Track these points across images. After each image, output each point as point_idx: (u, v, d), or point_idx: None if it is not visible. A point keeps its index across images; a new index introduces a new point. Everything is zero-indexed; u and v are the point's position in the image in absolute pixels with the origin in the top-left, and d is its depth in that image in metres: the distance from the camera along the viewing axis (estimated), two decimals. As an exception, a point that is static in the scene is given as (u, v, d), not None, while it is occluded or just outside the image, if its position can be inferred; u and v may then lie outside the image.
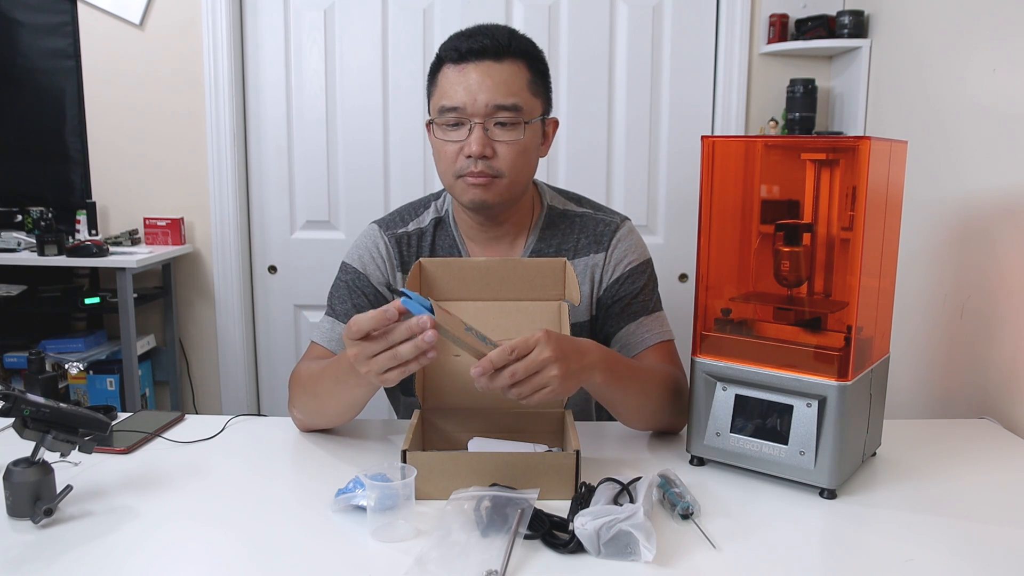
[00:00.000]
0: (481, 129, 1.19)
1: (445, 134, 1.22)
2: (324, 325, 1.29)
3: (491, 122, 1.19)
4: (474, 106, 1.18)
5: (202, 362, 2.71)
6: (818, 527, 0.95)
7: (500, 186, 1.22)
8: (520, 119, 1.21)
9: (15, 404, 0.91)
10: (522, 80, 1.21)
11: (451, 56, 1.21)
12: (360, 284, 1.30)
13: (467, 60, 1.20)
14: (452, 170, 1.22)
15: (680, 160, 2.55)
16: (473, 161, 1.20)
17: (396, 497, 0.89)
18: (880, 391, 1.11)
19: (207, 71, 2.50)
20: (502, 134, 1.20)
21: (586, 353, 1.04)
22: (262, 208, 2.63)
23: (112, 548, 0.87)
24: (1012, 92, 1.48)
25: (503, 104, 1.19)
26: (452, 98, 1.20)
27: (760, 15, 2.44)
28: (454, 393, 1.12)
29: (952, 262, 1.62)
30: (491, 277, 1.14)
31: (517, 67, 1.21)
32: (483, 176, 1.20)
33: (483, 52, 1.19)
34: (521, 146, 1.22)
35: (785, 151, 1.18)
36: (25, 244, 2.41)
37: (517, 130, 1.21)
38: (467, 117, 1.19)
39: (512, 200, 1.27)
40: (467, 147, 1.19)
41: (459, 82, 1.20)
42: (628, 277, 1.31)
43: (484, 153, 1.19)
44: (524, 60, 1.22)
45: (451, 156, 1.22)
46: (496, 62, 1.20)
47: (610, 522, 0.84)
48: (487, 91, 1.18)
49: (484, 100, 1.18)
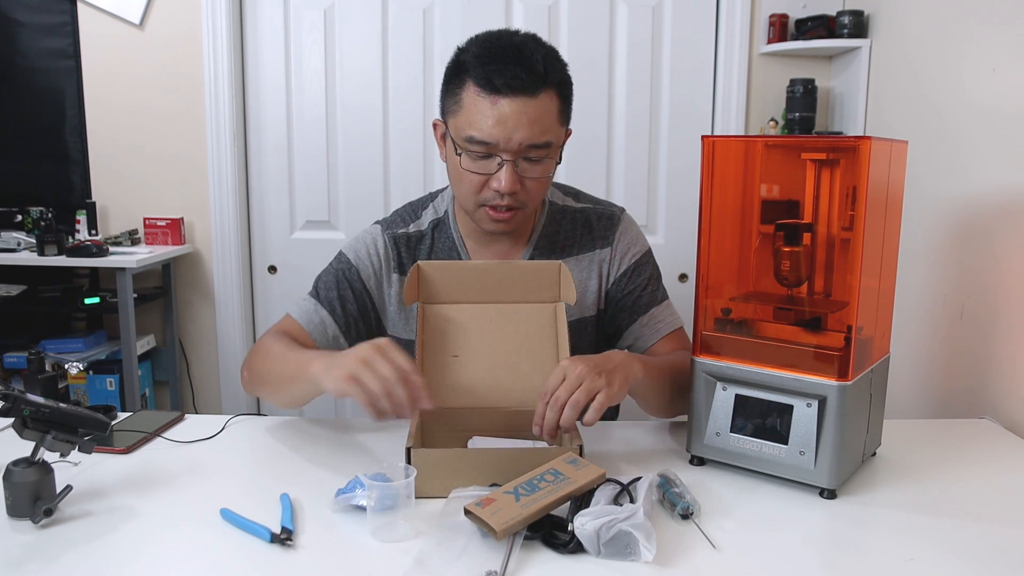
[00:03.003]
0: (511, 167, 1.15)
1: (471, 164, 1.17)
2: (305, 304, 1.30)
3: (520, 158, 1.16)
4: (507, 144, 1.14)
5: (202, 362, 2.71)
6: (818, 527, 0.95)
7: (521, 216, 1.23)
8: (550, 155, 1.19)
9: (15, 404, 0.91)
10: (554, 113, 1.17)
11: (481, 83, 1.13)
12: (349, 276, 1.30)
13: (500, 94, 1.12)
14: (475, 198, 1.20)
15: (680, 160, 2.55)
16: (499, 196, 1.17)
17: (396, 497, 0.89)
18: (880, 391, 1.11)
19: (207, 71, 2.50)
20: (531, 169, 1.17)
21: (611, 357, 1.07)
22: (262, 208, 2.63)
23: (112, 548, 0.87)
24: (1012, 92, 1.48)
25: (536, 144, 1.15)
26: (482, 131, 1.14)
27: (760, 15, 2.45)
28: (453, 393, 1.12)
29: (952, 262, 1.62)
30: (488, 280, 1.15)
31: (550, 98, 1.15)
32: (508, 211, 1.20)
33: (519, 88, 1.12)
34: (547, 178, 1.22)
35: (785, 151, 1.18)
36: (25, 244, 2.42)
37: (545, 165, 1.19)
38: (497, 152, 1.15)
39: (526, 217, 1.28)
40: (496, 182, 1.16)
41: (490, 115, 1.13)
42: (634, 270, 1.33)
43: (513, 191, 1.17)
44: (556, 89, 1.17)
45: (475, 186, 1.19)
46: (531, 97, 1.13)
47: (610, 522, 0.84)
48: (522, 131, 1.13)
49: (518, 140, 1.13)
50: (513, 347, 1.13)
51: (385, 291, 1.31)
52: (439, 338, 1.13)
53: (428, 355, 1.12)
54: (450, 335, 1.13)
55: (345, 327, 1.29)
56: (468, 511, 0.86)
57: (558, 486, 0.90)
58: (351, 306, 1.29)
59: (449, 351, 1.12)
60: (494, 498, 0.88)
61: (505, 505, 0.87)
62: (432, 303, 1.15)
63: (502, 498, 0.88)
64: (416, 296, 1.15)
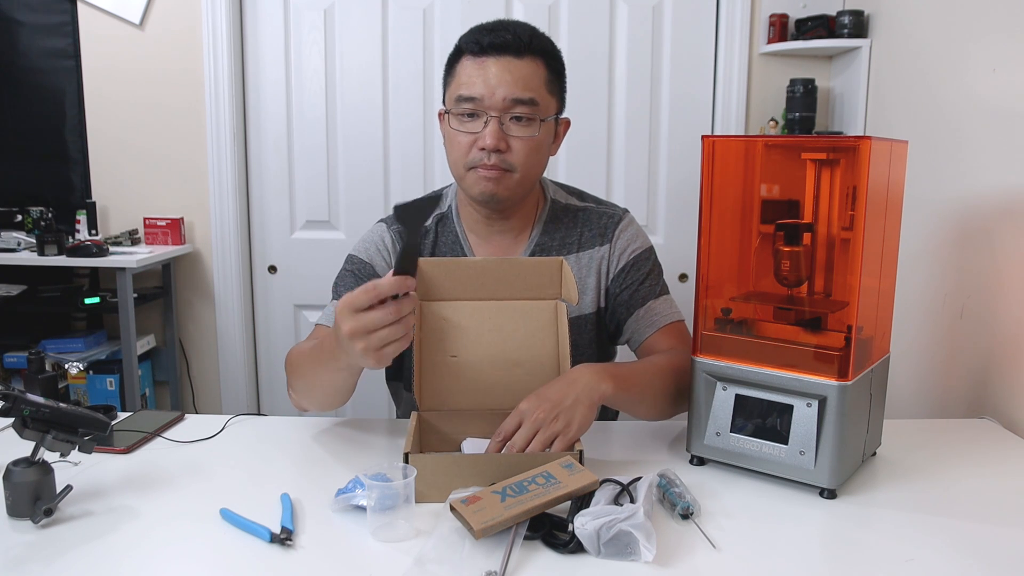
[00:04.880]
0: (497, 123, 1.19)
1: (460, 124, 1.22)
2: (329, 309, 1.31)
3: (507, 116, 1.20)
4: (492, 99, 1.19)
5: (202, 362, 2.71)
6: (818, 527, 0.95)
7: (511, 181, 1.23)
8: (536, 115, 1.21)
9: (15, 404, 0.91)
10: (540, 77, 1.22)
11: (471, 48, 1.21)
12: (366, 273, 1.31)
13: (487, 54, 1.20)
14: (464, 161, 1.23)
15: (680, 160, 2.55)
16: (487, 154, 1.20)
17: (396, 497, 0.88)
18: (880, 391, 1.11)
19: (207, 71, 2.50)
20: (517, 129, 1.21)
21: (575, 380, 1.05)
22: (262, 208, 2.63)
23: (112, 548, 0.87)
24: (1012, 91, 1.47)
25: (520, 98, 1.19)
26: (470, 88, 1.20)
27: (760, 15, 2.44)
28: (451, 394, 1.12)
29: (952, 262, 1.62)
30: (488, 277, 1.14)
31: (536, 64, 1.22)
32: (495, 169, 1.21)
33: (504, 47, 1.19)
34: (535, 143, 1.22)
35: (785, 151, 1.18)
36: (25, 244, 2.41)
37: (532, 126, 1.21)
38: (483, 109, 1.20)
39: (521, 196, 1.28)
40: (481, 140, 1.20)
41: (478, 74, 1.20)
42: (633, 265, 1.34)
43: (498, 147, 1.19)
44: (543, 58, 1.23)
45: (464, 147, 1.22)
46: (516, 58, 1.20)
47: (610, 522, 0.84)
48: (506, 85, 1.19)
49: (502, 94, 1.19)
50: (513, 346, 1.13)
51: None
52: (437, 338, 1.13)
53: (426, 355, 1.12)
54: (448, 334, 1.13)
55: None
56: (453, 507, 0.87)
57: (547, 490, 0.90)
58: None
59: (447, 351, 1.12)
60: (480, 496, 0.88)
61: (489, 505, 0.87)
62: (431, 300, 1.14)
63: (488, 497, 0.88)
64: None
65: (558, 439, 1.00)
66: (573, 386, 1.04)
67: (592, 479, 0.92)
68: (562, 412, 1.01)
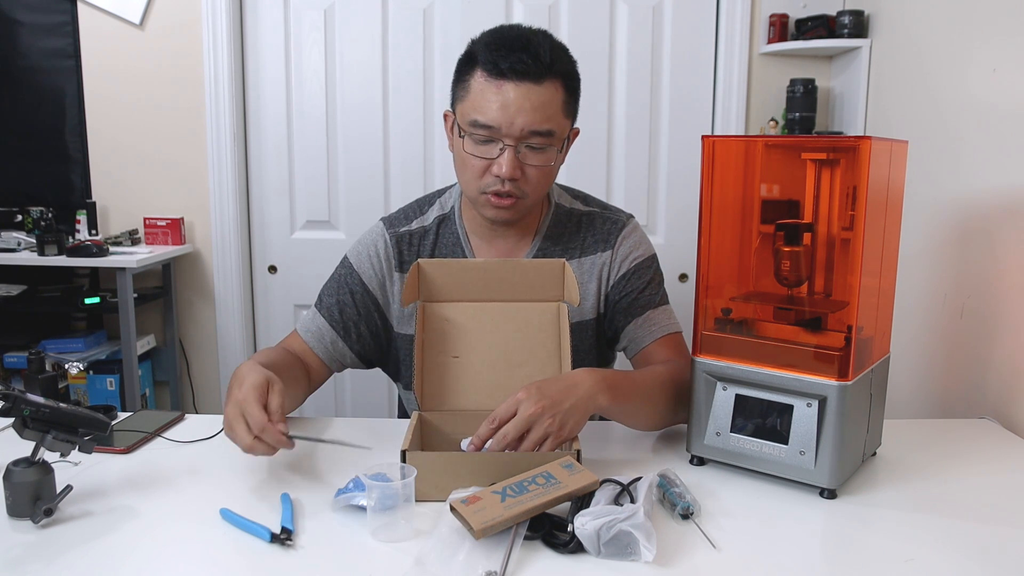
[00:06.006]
0: (513, 152, 1.16)
1: (474, 148, 1.19)
2: (308, 315, 1.32)
3: (522, 144, 1.17)
4: (509, 128, 1.15)
5: (202, 362, 2.71)
6: (818, 527, 0.95)
7: (523, 205, 1.23)
8: (552, 144, 1.19)
9: (15, 404, 0.91)
10: (558, 102, 1.18)
11: (488, 67, 1.15)
12: (350, 281, 1.31)
13: (506, 78, 1.14)
14: (477, 185, 1.21)
15: (680, 160, 2.55)
16: (500, 182, 1.18)
17: (396, 497, 0.88)
18: (880, 391, 1.11)
19: (207, 71, 2.50)
20: (533, 157, 1.18)
21: (577, 385, 1.04)
22: (262, 208, 2.63)
23: (112, 548, 0.87)
24: (1012, 91, 1.47)
25: (539, 130, 1.16)
26: (486, 115, 1.15)
27: (760, 15, 2.44)
28: (452, 395, 1.12)
29: (952, 262, 1.62)
30: (490, 278, 1.14)
31: (555, 88, 1.17)
32: (509, 198, 1.20)
33: (524, 73, 1.14)
34: (549, 169, 1.22)
35: (785, 151, 1.18)
36: (25, 244, 2.42)
37: (548, 154, 1.20)
38: (500, 137, 1.16)
39: (529, 211, 1.28)
40: (497, 167, 1.17)
41: (495, 100, 1.15)
42: (634, 273, 1.32)
43: (514, 176, 1.17)
44: (562, 80, 1.18)
45: (477, 171, 1.20)
46: (536, 84, 1.14)
47: (610, 522, 0.84)
48: (524, 115, 1.14)
49: (520, 124, 1.15)
50: (515, 348, 1.13)
51: (388, 290, 1.32)
52: (439, 338, 1.13)
53: (428, 356, 1.12)
54: (450, 335, 1.13)
55: (344, 332, 1.29)
56: (453, 507, 0.87)
57: (547, 490, 0.90)
58: (350, 310, 1.30)
59: (449, 352, 1.12)
60: (480, 496, 0.88)
61: (489, 505, 0.86)
62: (433, 302, 1.14)
63: (488, 497, 0.88)
64: (416, 295, 1.14)
65: (549, 439, 0.99)
66: (573, 390, 1.03)
67: (592, 479, 0.92)
68: (558, 413, 1.00)
